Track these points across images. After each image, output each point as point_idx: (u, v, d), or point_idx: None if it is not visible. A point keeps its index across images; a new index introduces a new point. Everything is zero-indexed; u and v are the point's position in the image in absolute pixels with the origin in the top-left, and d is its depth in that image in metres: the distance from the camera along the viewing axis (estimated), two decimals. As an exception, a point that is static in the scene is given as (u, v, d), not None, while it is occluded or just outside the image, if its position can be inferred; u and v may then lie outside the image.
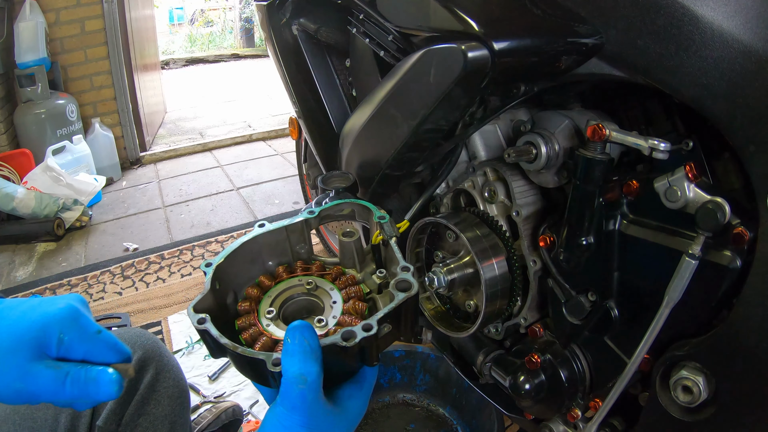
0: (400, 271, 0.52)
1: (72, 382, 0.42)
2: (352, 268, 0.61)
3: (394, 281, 0.50)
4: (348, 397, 0.49)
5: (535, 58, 0.72)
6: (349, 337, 0.45)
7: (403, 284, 0.50)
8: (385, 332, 0.47)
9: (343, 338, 0.45)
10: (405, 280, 0.50)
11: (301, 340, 0.43)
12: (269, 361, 0.44)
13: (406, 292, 0.49)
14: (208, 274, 0.52)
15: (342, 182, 1.00)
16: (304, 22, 1.29)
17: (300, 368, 0.43)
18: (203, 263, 0.53)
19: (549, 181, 0.84)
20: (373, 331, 0.45)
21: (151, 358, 0.83)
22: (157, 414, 0.80)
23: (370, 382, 0.51)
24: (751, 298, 0.59)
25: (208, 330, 0.47)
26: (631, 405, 0.81)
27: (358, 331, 0.45)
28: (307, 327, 0.44)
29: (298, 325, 0.44)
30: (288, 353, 0.43)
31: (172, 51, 8.45)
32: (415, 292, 0.49)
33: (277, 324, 0.52)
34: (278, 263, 0.61)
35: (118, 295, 2.00)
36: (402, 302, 0.48)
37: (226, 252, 0.55)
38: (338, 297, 0.55)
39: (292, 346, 0.43)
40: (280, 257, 0.61)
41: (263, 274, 0.59)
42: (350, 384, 0.50)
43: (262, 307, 0.54)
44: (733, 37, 0.58)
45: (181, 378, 0.87)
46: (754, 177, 0.58)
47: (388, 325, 0.48)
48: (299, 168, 2.06)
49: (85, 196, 2.60)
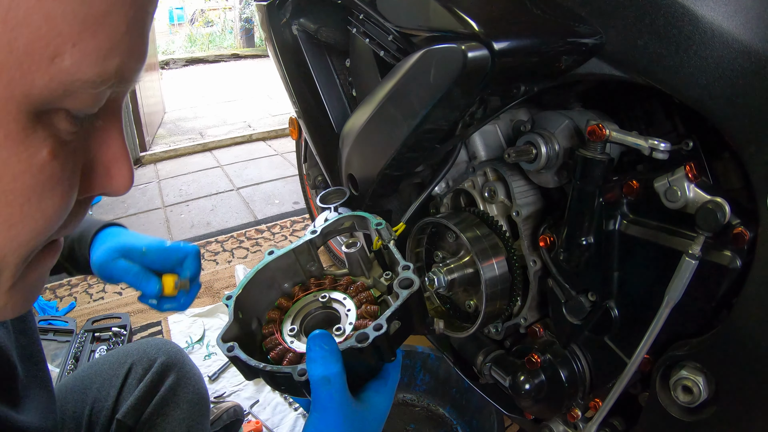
0: (400, 270, 0.55)
1: (133, 275, 0.73)
2: (361, 276, 0.65)
3: (397, 280, 0.53)
4: (374, 394, 0.52)
5: (535, 58, 0.72)
6: (363, 338, 0.48)
7: (405, 282, 0.53)
8: (396, 329, 0.50)
9: (358, 340, 0.48)
10: (407, 277, 0.53)
11: (320, 346, 0.47)
12: (295, 372, 0.48)
13: (408, 288, 0.52)
14: (230, 306, 0.56)
15: (339, 198, 1.04)
16: (304, 22, 1.29)
17: (323, 371, 0.46)
18: (224, 297, 0.58)
19: (549, 181, 0.84)
20: (383, 329, 0.48)
21: (174, 364, 0.88)
22: (175, 416, 0.84)
23: (393, 377, 0.55)
24: (751, 298, 0.59)
25: (237, 356, 0.51)
26: (631, 405, 0.81)
27: (369, 332, 0.48)
28: (323, 334, 0.49)
29: (316, 334, 0.49)
30: (310, 360, 0.47)
31: (171, 51, 8.45)
32: (418, 287, 0.52)
33: (300, 339, 0.56)
34: (293, 284, 0.65)
35: (118, 295, 2.00)
36: (407, 299, 0.51)
37: (242, 283, 0.59)
38: (351, 305, 0.59)
39: (313, 353, 0.47)
40: (293, 278, 0.65)
41: (281, 296, 0.63)
42: (375, 381, 0.54)
43: (284, 326, 0.58)
44: (733, 37, 0.58)
45: (202, 386, 0.92)
46: (754, 177, 0.58)
47: (397, 322, 0.50)
48: (299, 168, 2.06)
49: (85, 196, 2.60)
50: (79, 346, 1.65)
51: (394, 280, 0.59)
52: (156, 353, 0.87)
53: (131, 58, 0.29)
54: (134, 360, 0.86)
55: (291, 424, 1.41)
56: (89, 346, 1.67)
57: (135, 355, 0.87)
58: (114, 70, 0.27)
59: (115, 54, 0.27)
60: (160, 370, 0.85)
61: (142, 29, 0.29)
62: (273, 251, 0.63)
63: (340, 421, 0.47)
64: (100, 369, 0.85)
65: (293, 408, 1.45)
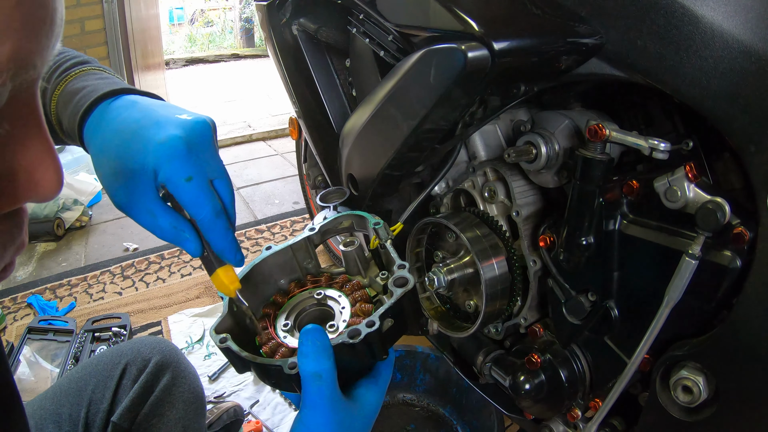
0: (396, 269, 0.56)
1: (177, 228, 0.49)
2: (357, 275, 0.65)
3: (392, 279, 0.54)
4: (365, 391, 0.52)
5: (535, 58, 0.72)
6: (355, 334, 0.48)
7: (400, 280, 0.53)
8: (388, 326, 0.51)
9: (350, 336, 0.48)
10: (401, 276, 0.54)
11: (313, 341, 0.47)
12: (285, 365, 0.48)
13: (403, 287, 0.52)
14: (225, 298, 0.56)
15: (338, 197, 1.05)
16: (304, 22, 1.29)
17: (314, 366, 0.46)
18: None
19: (549, 181, 0.84)
20: (375, 326, 0.48)
21: (168, 363, 0.87)
22: (170, 416, 0.83)
23: (384, 376, 0.54)
24: (751, 298, 0.59)
25: (229, 347, 0.51)
26: (631, 405, 0.81)
27: (362, 328, 0.48)
28: (316, 329, 0.48)
29: (309, 328, 0.48)
30: (302, 354, 0.47)
31: (172, 51, 8.44)
32: (412, 286, 0.53)
33: (293, 335, 0.56)
34: (289, 280, 0.65)
35: (118, 295, 2.00)
36: (400, 297, 0.51)
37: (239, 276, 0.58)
38: (346, 302, 0.59)
39: (305, 347, 0.47)
40: (290, 274, 0.65)
41: (277, 293, 0.63)
42: (366, 380, 0.53)
43: (278, 321, 0.58)
44: (733, 37, 0.58)
45: (198, 386, 0.90)
46: (754, 177, 0.58)
47: (390, 320, 0.51)
48: (299, 168, 2.06)
49: (85, 196, 2.60)
50: (79, 346, 1.65)
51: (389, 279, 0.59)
52: (150, 353, 0.86)
53: (30, 36, 0.23)
54: (129, 360, 0.85)
55: (291, 424, 1.41)
56: (89, 346, 1.67)
57: (129, 355, 0.85)
58: (6, 56, 0.22)
59: (5, 36, 0.21)
60: (154, 370, 0.84)
61: None
62: (270, 246, 0.63)
63: (329, 417, 0.46)
64: (94, 370, 0.84)
65: (293, 408, 1.45)
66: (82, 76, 0.56)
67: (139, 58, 3.48)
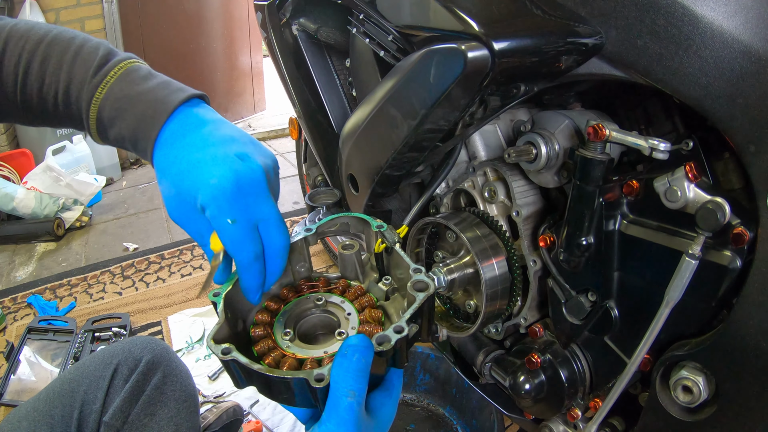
0: (412, 273, 0.53)
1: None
2: (355, 280, 0.62)
3: (411, 283, 0.51)
4: (380, 405, 0.49)
5: (536, 58, 0.72)
6: (384, 341, 0.45)
7: (420, 284, 0.51)
8: (414, 332, 0.48)
9: (378, 343, 0.45)
10: (421, 280, 0.51)
11: (360, 359, 0.44)
12: (311, 378, 0.43)
13: (424, 291, 0.50)
14: (219, 303, 0.51)
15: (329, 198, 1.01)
16: (304, 22, 1.29)
17: (353, 384, 0.43)
18: (211, 293, 0.53)
19: (549, 181, 0.84)
20: (405, 332, 0.46)
21: (159, 362, 0.86)
22: (162, 415, 0.83)
23: (397, 387, 0.52)
24: (751, 298, 0.59)
25: (236, 359, 0.45)
26: (631, 405, 0.81)
27: (391, 334, 0.46)
28: (368, 345, 0.45)
29: (358, 344, 0.44)
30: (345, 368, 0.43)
31: (172, 51, 8.43)
32: (433, 291, 0.50)
33: (296, 344, 0.52)
34: (280, 285, 0.60)
35: (118, 295, 2.00)
36: (423, 302, 0.49)
37: (231, 278, 0.55)
38: (351, 308, 0.55)
39: (353, 363, 0.44)
40: (281, 279, 0.60)
41: (268, 298, 0.58)
42: (380, 392, 0.50)
43: (276, 329, 0.54)
44: (733, 37, 0.58)
45: (190, 384, 0.90)
46: (754, 177, 0.58)
47: (415, 325, 0.48)
48: (299, 168, 2.06)
49: (85, 196, 2.60)
50: (79, 346, 1.65)
51: (393, 285, 0.58)
52: (141, 352, 0.86)
53: None
54: (120, 360, 0.84)
55: (291, 424, 1.41)
56: (89, 346, 1.67)
57: (120, 355, 0.85)
58: None
59: None
60: (145, 370, 0.84)
61: None
62: None
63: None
64: (86, 371, 0.84)
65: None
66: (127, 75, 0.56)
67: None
